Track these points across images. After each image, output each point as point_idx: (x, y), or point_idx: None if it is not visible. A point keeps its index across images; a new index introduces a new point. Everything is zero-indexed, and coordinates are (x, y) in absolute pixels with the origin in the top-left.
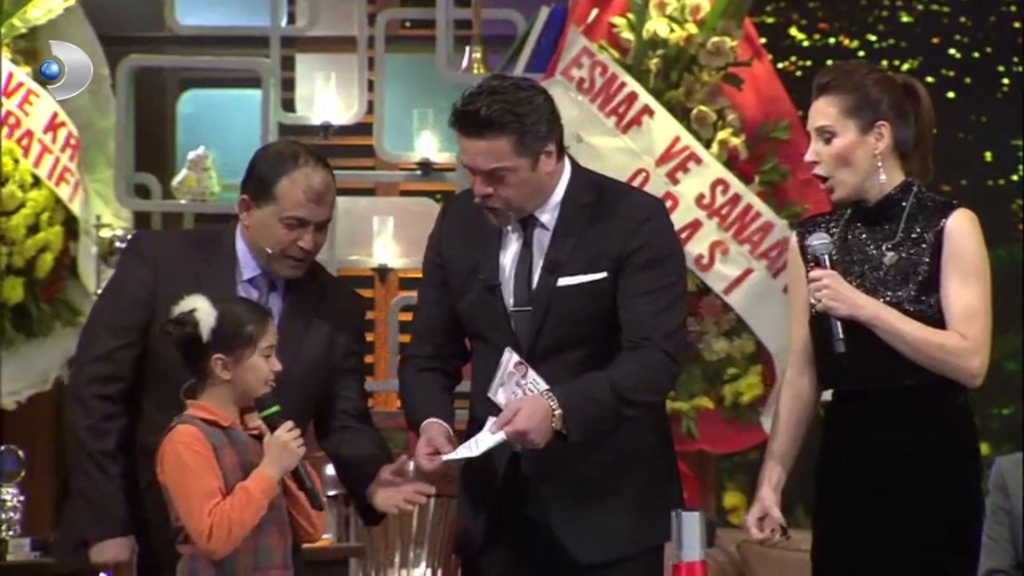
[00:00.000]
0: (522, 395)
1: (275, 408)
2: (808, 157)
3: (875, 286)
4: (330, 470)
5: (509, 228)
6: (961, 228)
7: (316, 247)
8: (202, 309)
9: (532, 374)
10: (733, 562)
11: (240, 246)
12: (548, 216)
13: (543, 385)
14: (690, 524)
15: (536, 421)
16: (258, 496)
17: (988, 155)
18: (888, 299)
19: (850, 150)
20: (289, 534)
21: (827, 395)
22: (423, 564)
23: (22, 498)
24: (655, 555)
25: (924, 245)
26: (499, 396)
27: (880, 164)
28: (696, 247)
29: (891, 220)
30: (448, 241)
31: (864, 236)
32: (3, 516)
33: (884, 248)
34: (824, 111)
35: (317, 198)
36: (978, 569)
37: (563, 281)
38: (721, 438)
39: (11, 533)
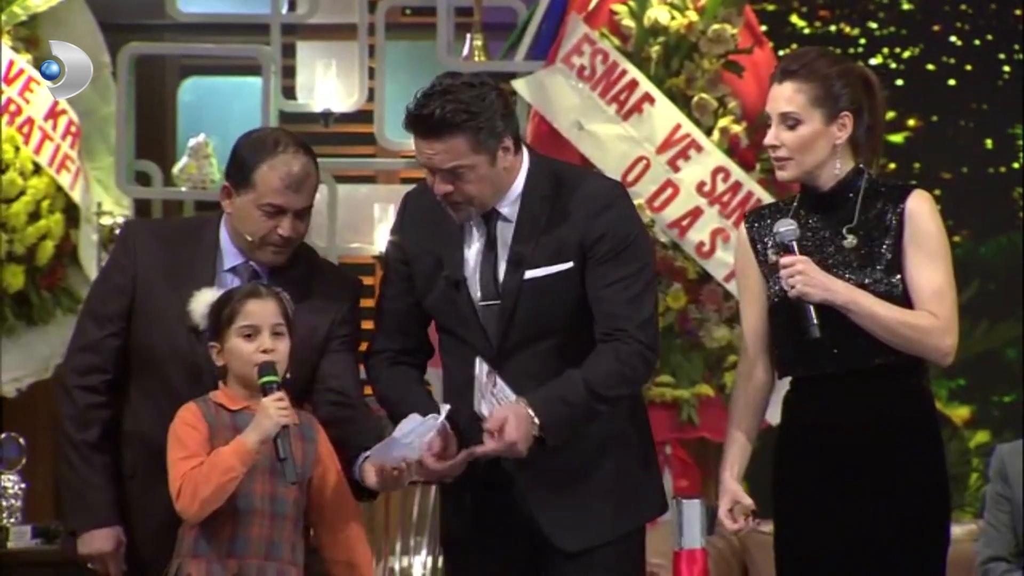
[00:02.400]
0: (497, 404)
1: (270, 377)
2: (768, 141)
3: (837, 269)
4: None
5: (471, 222)
6: (922, 209)
7: (297, 234)
8: (196, 300)
9: (500, 383)
10: (733, 549)
11: (223, 235)
12: (509, 209)
13: (511, 394)
14: (691, 512)
15: (523, 431)
16: (228, 458)
17: (989, 143)
18: (853, 281)
19: (814, 139)
20: (283, 524)
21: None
22: (424, 551)
23: (23, 486)
24: (635, 539)
25: (885, 227)
26: (483, 409)
27: (838, 153)
28: (697, 235)
29: (845, 205)
30: (410, 237)
31: (818, 222)
32: (4, 504)
33: (843, 231)
34: (791, 98)
35: (295, 185)
36: (946, 550)
37: (530, 274)
38: (722, 426)
39: (12, 521)
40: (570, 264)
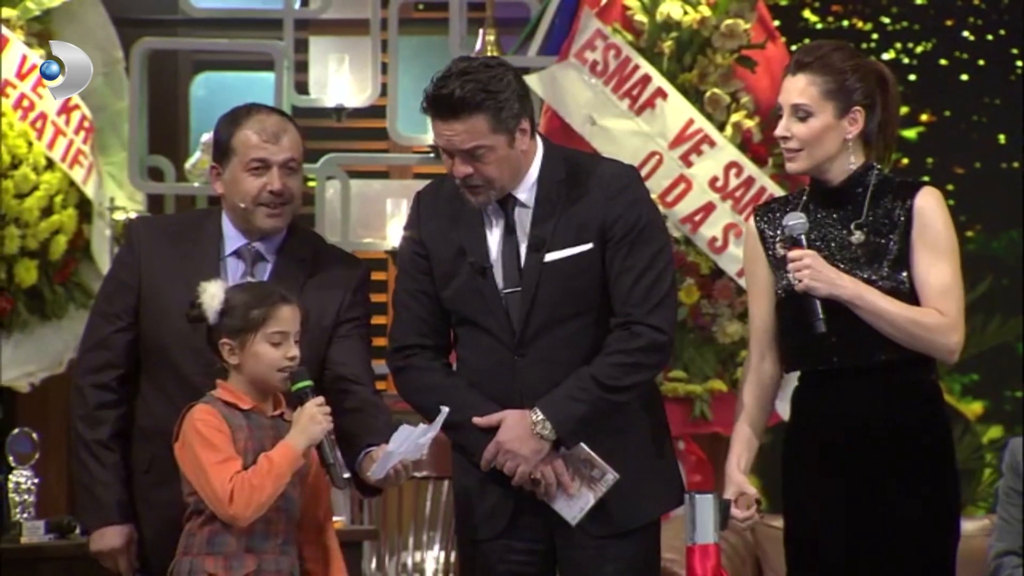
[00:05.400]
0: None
1: (306, 383)
2: (779, 132)
3: (845, 265)
4: None
5: (489, 210)
6: (931, 205)
7: (288, 191)
8: (208, 292)
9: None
10: (747, 544)
11: (225, 221)
12: (526, 194)
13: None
14: (704, 506)
15: (517, 432)
16: (280, 464)
17: (1002, 138)
18: (861, 277)
19: (824, 132)
20: (292, 520)
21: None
22: (436, 546)
23: (36, 480)
24: (651, 531)
25: (893, 223)
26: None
27: (849, 148)
28: (709, 230)
29: (854, 200)
30: (429, 230)
31: (827, 217)
32: (18, 498)
33: (851, 227)
34: (804, 90)
35: (272, 137)
36: (957, 545)
37: (550, 257)
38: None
39: (26, 515)
40: (590, 245)
